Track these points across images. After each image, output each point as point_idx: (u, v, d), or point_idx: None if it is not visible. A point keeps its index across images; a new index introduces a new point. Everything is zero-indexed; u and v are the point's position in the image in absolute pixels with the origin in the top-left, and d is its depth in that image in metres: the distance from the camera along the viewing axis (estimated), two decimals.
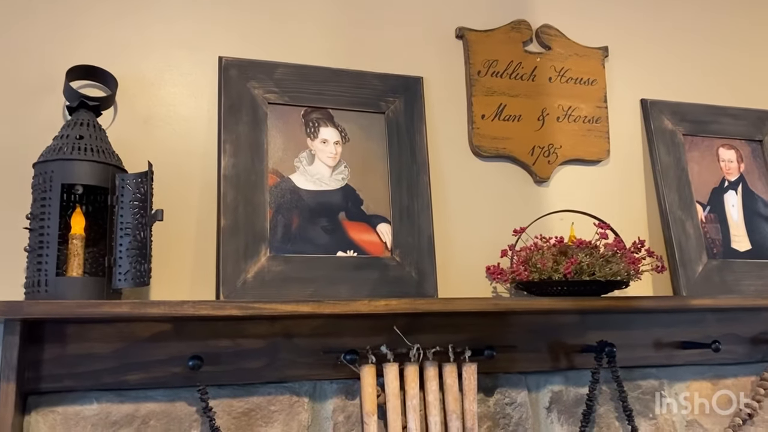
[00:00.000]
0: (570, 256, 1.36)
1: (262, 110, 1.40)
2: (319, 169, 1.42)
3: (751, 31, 1.91)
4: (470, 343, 1.34)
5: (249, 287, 1.29)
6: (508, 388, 1.42)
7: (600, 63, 1.70)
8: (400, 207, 1.44)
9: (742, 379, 1.60)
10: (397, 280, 1.39)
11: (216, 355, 1.23)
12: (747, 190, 1.74)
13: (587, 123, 1.66)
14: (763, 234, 1.72)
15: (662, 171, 1.67)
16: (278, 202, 1.37)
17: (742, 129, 1.79)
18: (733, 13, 1.90)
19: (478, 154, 1.56)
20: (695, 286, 1.59)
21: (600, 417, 1.47)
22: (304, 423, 1.28)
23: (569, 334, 1.46)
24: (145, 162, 1.25)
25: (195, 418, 1.22)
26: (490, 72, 1.59)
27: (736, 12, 1.91)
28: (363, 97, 1.48)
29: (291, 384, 1.29)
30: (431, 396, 1.29)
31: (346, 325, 1.31)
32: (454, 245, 1.50)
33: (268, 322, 1.27)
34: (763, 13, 1.93)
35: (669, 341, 1.54)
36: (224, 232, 1.31)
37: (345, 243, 1.39)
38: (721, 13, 1.89)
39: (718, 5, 1.89)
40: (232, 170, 1.34)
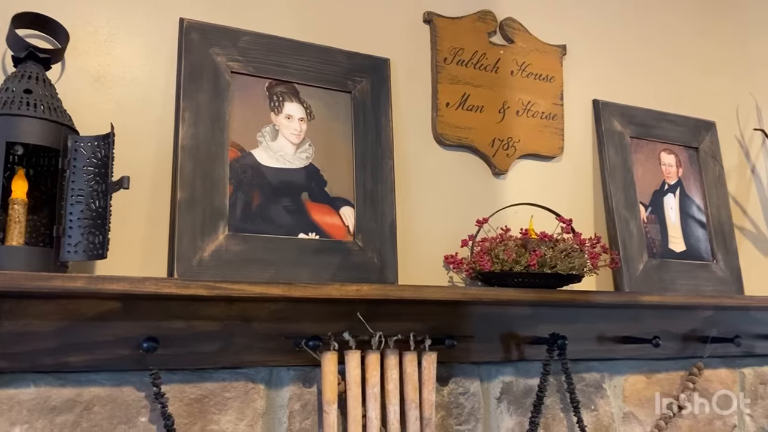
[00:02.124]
0: (531, 249, 1.37)
1: (224, 79, 1.31)
2: (283, 145, 1.35)
3: (697, 44, 2.00)
4: (428, 332, 1.33)
5: (205, 266, 1.21)
6: (462, 377, 1.42)
7: (558, 61, 1.73)
8: (364, 190, 1.40)
9: (673, 374, 1.68)
10: (359, 266, 1.35)
11: (168, 337, 1.14)
12: (684, 194, 1.83)
13: (544, 119, 1.68)
14: (696, 236, 1.81)
15: (610, 171, 1.72)
16: (239, 177, 1.29)
17: (681, 135, 1.87)
18: (682, 25, 1.98)
19: (441, 142, 1.54)
20: (637, 282, 1.65)
21: (546, 408, 1.49)
22: (259, 411, 1.22)
23: (521, 326, 1.48)
24: (94, 124, 1.16)
25: (143, 405, 1.13)
26: (456, 60, 1.58)
27: (686, 24, 1.99)
28: (329, 74, 1.42)
29: (247, 370, 1.22)
30: (391, 385, 1.26)
31: (307, 310, 1.26)
32: (414, 232, 1.48)
33: (225, 304, 1.20)
34: (708, 28, 2.03)
35: (611, 336, 1.59)
36: (180, 205, 1.22)
37: (307, 225, 1.33)
38: (672, 24, 1.96)
39: (670, 16, 1.96)
40: (191, 140, 1.25)
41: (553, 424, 1.49)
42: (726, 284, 1.80)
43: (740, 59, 2.08)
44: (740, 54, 2.09)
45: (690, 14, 2.01)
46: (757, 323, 1.81)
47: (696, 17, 2.02)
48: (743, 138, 2.04)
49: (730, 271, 1.82)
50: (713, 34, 2.04)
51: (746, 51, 2.10)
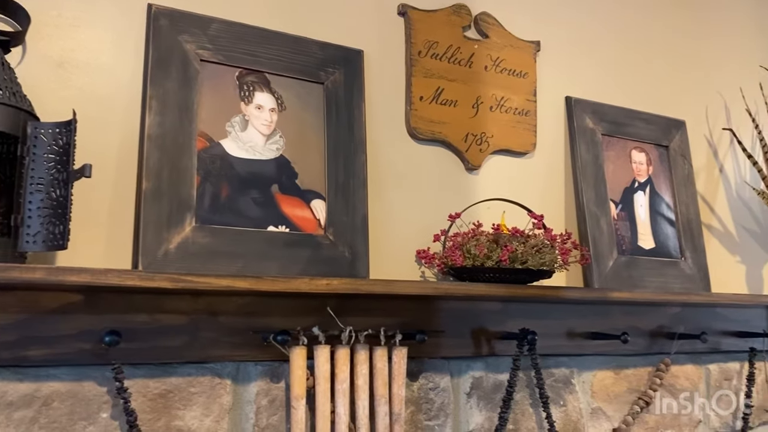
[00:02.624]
0: (503, 244, 1.36)
1: (193, 67, 1.28)
2: (253, 136, 1.32)
3: (668, 43, 2.02)
4: (399, 326, 1.31)
5: (171, 258, 1.18)
6: (432, 372, 1.41)
7: (532, 57, 1.73)
8: (336, 184, 1.38)
9: (641, 370, 1.70)
10: (329, 260, 1.33)
11: (131, 331, 1.11)
12: (654, 191, 1.85)
13: (517, 115, 1.68)
14: (665, 234, 1.82)
15: (582, 168, 1.73)
16: (207, 168, 1.26)
17: (652, 134, 1.89)
18: (654, 24, 2.00)
19: (414, 136, 1.53)
20: (606, 279, 1.66)
21: (516, 403, 1.49)
22: (226, 406, 1.19)
23: (492, 321, 1.47)
24: (56, 110, 1.12)
25: (105, 400, 1.09)
26: (430, 53, 1.56)
27: (657, 23, 2.01)
28: (302, 65, 1.40)
29: (213, 365, 1.20)
30: (361, 380, 1.25)
31: (275, 303, 1.24)
32: (386, 227, 1.46)
33: (191, 298, 1.17)
34: (680, 27, 2.05)
35: (580, 331, 1.60)
36: (146, 196, 1.19)
37: (277, 217, 1.31)
38: (644, 22, 1.98)
39: (643, 15, 1.97)
40: (157, 129, 1.22)
41: (522, 420, 1.50)
42: (693, 281, 1.82)
43: (710, 59, 2.11)
44: (710, 54, 2.11)
45: (662, 13, 2.02)
46: (722, 320, 1.84)
47: (668, 17, 2.03)
48: (712, 137, 2.06)
49: (697, 268, 1.84)
50: (684, 33, 2.06)
51: (716, 51, 2.12)
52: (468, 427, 1.43)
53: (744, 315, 1.88)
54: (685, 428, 1.76)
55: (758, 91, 2.05)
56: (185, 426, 1.15)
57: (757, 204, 2.11)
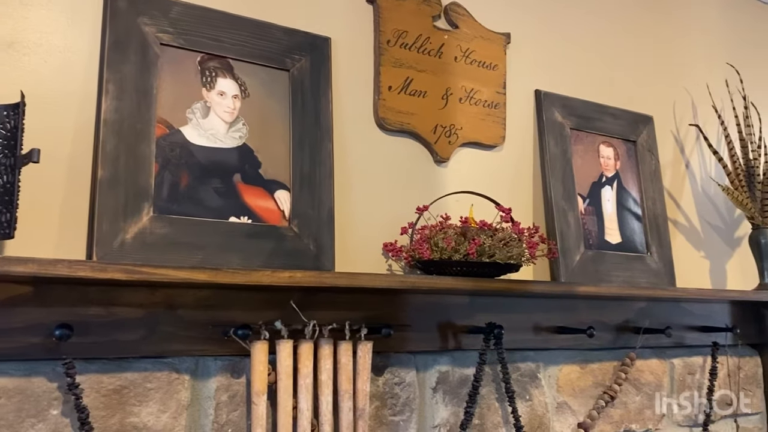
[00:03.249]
0: (470, 238, 1.35)
1: (153, 51, 1.23)
2: (215, 123, 1.28)
3: (637, 39, 2.02)
4: (364, 320, 1.29)
5: (128, 249, 1.14)
6: (397, 367, 1.39)
7: (502, 49, 1.71)
8: (301, 174, 1.34)
9: (607, 364, 1.70)
10: (293, 252, 1.30)
11: (85, 324, 1.07)
12: (621, 186, 1.85)
13: (487, 107, 1.66)
14: (632, 229, 1.83)
15: (550, 162, 1.72)
16: (166, 156, 1.22)
17: (620, 129, 1.89)
18: (624, 20, 2.00)
19: (382, 126, 1.50)
20: (573, 273, 1.66)
21: (482, 398, 1.48)
22: (184, 402, 1.16)
23: (458, 314, 1.46)
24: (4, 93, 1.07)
25: (55, 396, 1.05)
26: (399, 43, 1.54)
27: (627, 19, 2.01)
28: (266, 51, 1.36)
29: (170, 359, 1.16)
30: (324, 375, 1.22)
31: (237, 297, 1.20)
32: (353, 219, 1.44)
33: (148, 290, 1.13)
34: (649, 24, 2.05)
35: (547, 326, 1.59)
36: (101, 184, 1.14)
37: (239, 208, 1.27)
38: (614, 18, 1.98)
39: (612, 11, 1.97)
40: (114, 115, 1.17)
41: (488, 414, 1.48)
42: (659, 276, 1.83)
43: (678, 56, 2.12)
44: (678, 51, 2.12)
45: (631, 10, 2.03)
46: (687, 315, 1.85)
47: (637, 13, 2.04)
48: (679, 133, 2.08)
49: (663, 263, 1.85)
50: (653, 30, 2.07)
51: (684, 48, 2.14)
52: (433, 422, 1.42)
53: (707, 310, 1.90)
54: (649, 422, 1.77)
55: (724, 87, 2.07)
56: (141, 423, 1.11)
57: (722, 200, 2.13)
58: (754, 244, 1.95)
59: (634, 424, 1.73)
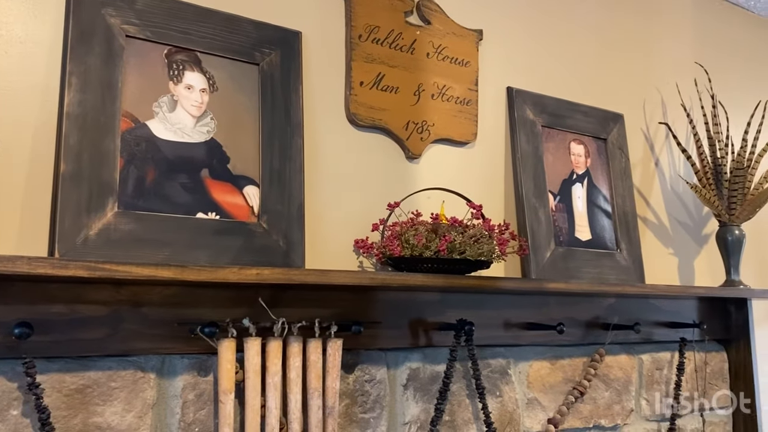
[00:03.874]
0: (441, 234, 1.34)
1: (118, 43, 1.21)
2: (182, 117, 1.26)
3: (609, 38, 2.04)
4: (335, 318, 1.28)
5: (91, 246, 1.11)
6: (368, 364, 1.38)
7: (474, 45, 1.71)
8: (271, 169, 1.33)
9: (576, 360, 1.72)
10: (262, 249, 1.28)
11: (46, 322, 1.04)
12: (591, 184, 1.86)
13: (459, 104, 1.66)
14: (602, 226, 1.84)
15: (521, 159, 1.72)
16: (131, 150, 1.19)
17: (591, 126, 1.90)
18: (595, 18, 2.01)
19: (354, 122, 1.49)
20: (543, 270, 1.66)
21: (452, 394, 1.48)
22: (149, 401, 1.14)
23: (430, 312, 1.46)
24: None
25: (15, 396, 1.02)
26: (371, 38, 1.53)
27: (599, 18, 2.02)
28: (236, 44, 1.34)
29: (136, 358, 1.14)
30: (293, 373, 1.20)
31: (204, 294, 1.19)
32: (324, 215, 1.42)
33: (113, 288, 1.11)
34: (620, 22, 2.07)
35: (517, 322, 1.60)
36: (64, 179, 1.11)
37: (207, 204, 1.25)
38: (585, 16, 1.98)
39: (584, 9, 1.98)
40: (77, 108, 1.14)
41: (458, 411, 1.49)
42: (628, 273, 1.85)
43: (648, 54, 2.14)
44: (648, 49, 2.14)
45: (604, 8, 2.04)
46: (655, 311, 1.87)
47: (609, 12, 2.05)
48: (649, 131, 2.10)
49: (632, 260, 1.87)
50: (624, 28, 2.09)
51: (654, 47, 2.16)
52: (404, 419, 1.41)
53: (676, 306, 1.93)
54: (618, 417, 1.79)
55: (693, 86, 2.09)
56: (104, 422, 1.09)
57: (691, 198, 2.16)
58: (720, 242, 1.98)
59: (603, 419, 1.75)
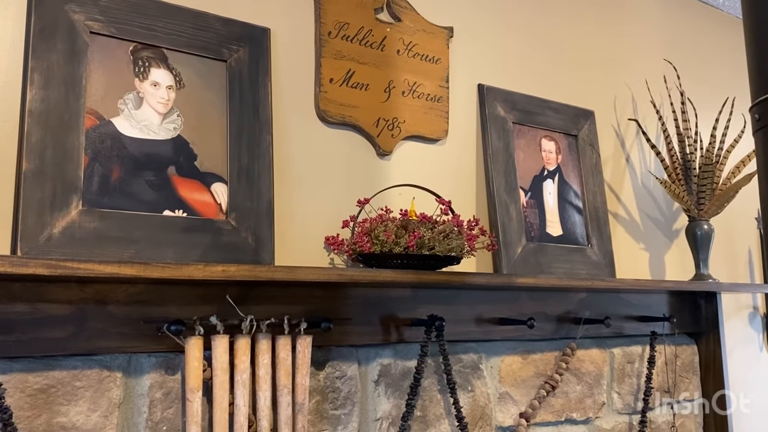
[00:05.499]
0: (411, 230, 1.35)
1: (82, 39, 1.19)
2: (148, 114, 1.25)
3: (578, 35, 2.05)
4: (305, 315, 1.28)
5: (55, 244, 1.10)
6: (339, 361, 1.38)
7: (445, 43, 1.71)
8: (239, 166, 1.32)
9: (548, 354, 1.73)
10: (231, 246, 1.27)
11: (9, 321, 1.03)
12: (562, 180, 1.88)
13: (429, 101, 1.66)
14: (573, 221, 1.86)
15: (493, 155, 1.73)
16: (96, 147, 1.18)
17: (561, 123, 1.92)
18: (565, 15, 2.03)
19: (323, 119, 1.49)
20: (515, 266, 1.67)
21: (424, 390, 1.49)
22: (115, 400, 1.13)
23: (401, 308, 1.46)
24: None
25: None
26: (341, 35, 1.52)
27: (569, 14, 2.03)
28: (203, 41, 1.33)
29: (101, 357, 1.13)
30: (262, 370, 1.20)
31: (170, 292, 1.18)
32: (294, 212, 1.42)
33: (77, 286, 1.10)
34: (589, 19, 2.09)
35: (489, 317, 1.60)
36: (26, 177, 1.10)
37: (173, 201, 1.24)
38: (555, 13, 2.00)
39: (554, 6, 2.00)
40: (40, 105, 1.13)
41: (429, 406, 1.49)
42: (599, 268, 1.87)
43: (618, 51, 2.16)
44: (618, 46, 2.17)
45: (574, 5, 2.06)
46: (626, 305, 1.89)
47: (579, 8, 2.07)
48: (619, 128, 2.12)
49: (603, 255, 1.89)
50: (594, 25, 2.11)
51: (624, 43, 2.18)
52: (375, 416, 1.42)
53: (646, 300, 1.95)
54: (590, 411, 1.80)
55: (662, 83, 2.12)
56: (69, 422, 1.08)
57: (661, 193, 2.19)
58: (690, 236, 2.01)
59: (575, 413, 1.77)
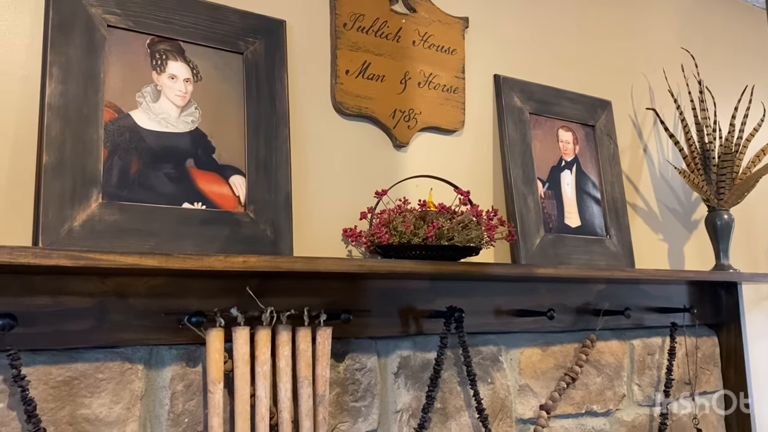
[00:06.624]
0: (429, 221, 1.34)
1: (99, 33, 1.20)
2: (166, 107, 1.25)
3: (596, 24, 2.03)
4: (324, 307, 1.27)
5: (76, 237, 1.10)
6: (358, 353, 1.38)
7: (460, 33, 1.70)
8: (257, 159, 1.32)
9: (567, 346, 1.72)
10: (250, 239, 1.27)
11: (31, 314, 1.04)
12: (580, 170, 1.86)
13: (445, 92, 1.65)
14: (591, 212, 1.84)
15: (509, 146, 1.72)
16: (115, 141, 1.18)
17: (578, 113, 1.90)
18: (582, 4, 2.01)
19: (340, 111, 1.48)
20: (533, 257, 1.66)
21: (444, 382, 1.48)
22: (137, 392, 1.13)
23: (419, 299, 1.45)
24: None
25: (1, 389, 1.01)
26: (356, 26, 1.52)
27: (586, 4, 2.01)
28: (219, 33, 1.33)
29: (123, 349, 1.13)
30: (283, 362, 1.20)
31: (191, 285, 1.18)
32: (311, 204, 1.42)
33: (98, 279, 1.10)
34: (607, 9, 2.07)
35: (508, 309, 1.60)
36: (46, 170, 1.10)
37: (192, 194, 1.24)
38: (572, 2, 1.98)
39: None
40: (59, 99, 1.13)
41: (450, 398, 1.48)
42: (618, 259, 1.85)
43: (635, 40, 2.14)
44: (635, 35, 2.14)
45: None
46: (645, 297, 1.88)
47: None
48: (636, 117, 2.10)
49: (622, 246, 1.88)
50: (611, 14, 2.08)
51: (641, 32, 2.16)
52: (395, 407, 1.41)
53: (666, 291, 1.93)
54: (610, 402, 1.79)
55: (680, 72, 2.09)
56: (92, 414, 1.08)
57: (679, 183, 2.16)
58: (710, 226, 1.98)
59: (595, 405, 1.75)
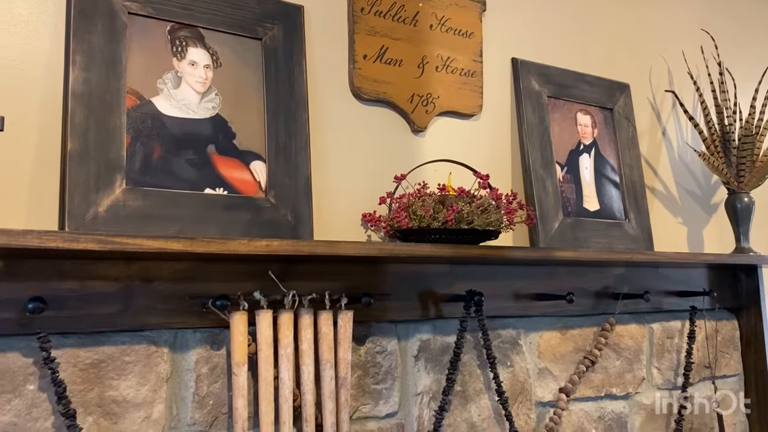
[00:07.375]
0: (449, 205, 1.34)
1: (120, 20, 1.21)
2: (187, 94, 1.26)
3: (614, 6, 2.01)
4: (345, 291, 1.28)
5: (101, 222, 1.12)
6: (379, 336, 1.39)
7: (478, 16, 1.70)
8: (276, 144, 1.33)
9: (587, 330, 1.72)
10: (271, 223, 1.28)
11: (60, 298, 1.05)
12: (599, 154, 1.85)
13: (463, 76, 1.65)
14: (610, 196, 1.84)
15: (528, 130, 1.72)
16: (137, 127, 1.20)
17: (597, 96, 1.89)
18: None
19: (358, 96, 1.48)
20: (552, 241, 1.66)
21: (463, 365, 1.49)
22: (163, 375, 1.15)
23: (439, 283, 1.46)
24: None
25: (31, 371, 1.03)
26: (374, 11, 1.52)
27: None
28: (238, 19, 1.33)
29: (149, 332, 1.15)
30: (305, 345, 1.21)
31: (214, 269, 1.19)
32: (331, 189, 1.43)
33: (124, 263, 1.12)
34: None
35: (526, 293, 1.60)
36: (71, 157, 1.12)
37: (214, 179, 1.25)
38: None
39: None
40: (82, 86, 1.14)
41: (469, 381, 1.49)
42: (637, 242, 1.84)
43: (653, 22, 2.12)
44: (653, 17, 2.12)
45: None
46: (665, 280, 1.87)
47: None
48: (655, 100, 2.08)
49: (641, 229, 1.87)
50: None
51: (659, 14, 2.14)
52: (416, 390, 1.42)
53: (685, 275, 1.92)
54: (630, 386, 1.79)
55: (699, 54, 2.07)
56: (120, 396, 1.10)
57: (699, 166, 2.15)
58: (730, 209, 1.97)
59: (614, 388, 1.76)
